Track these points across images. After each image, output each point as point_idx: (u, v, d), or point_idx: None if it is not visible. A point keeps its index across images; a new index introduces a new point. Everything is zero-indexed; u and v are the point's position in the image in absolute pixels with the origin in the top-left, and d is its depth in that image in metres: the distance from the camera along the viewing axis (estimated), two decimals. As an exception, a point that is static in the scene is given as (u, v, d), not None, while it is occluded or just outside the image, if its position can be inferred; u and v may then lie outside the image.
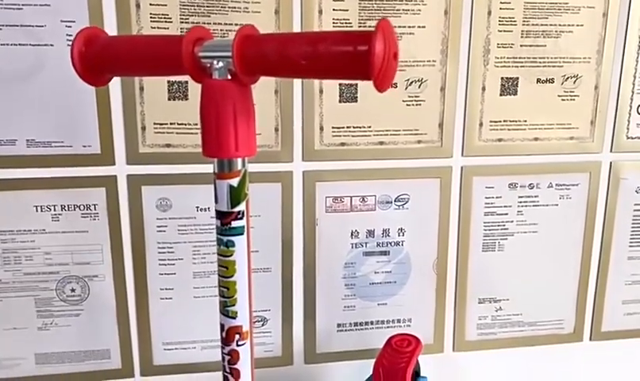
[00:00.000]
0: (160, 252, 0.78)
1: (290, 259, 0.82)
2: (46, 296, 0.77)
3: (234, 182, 0.37)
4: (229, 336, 0.40)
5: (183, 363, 0.82)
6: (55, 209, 0.74)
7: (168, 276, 0.79)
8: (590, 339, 0.92)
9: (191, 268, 0.79)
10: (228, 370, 0.41)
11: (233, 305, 0.39)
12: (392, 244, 0.84)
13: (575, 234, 0.88)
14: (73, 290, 0.77)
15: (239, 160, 0.37)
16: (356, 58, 0.33)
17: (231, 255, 0.38)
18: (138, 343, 0.81)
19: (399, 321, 0.87)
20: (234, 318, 0.40)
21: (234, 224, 0.38)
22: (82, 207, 0.75)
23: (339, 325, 0.86)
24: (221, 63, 0.36)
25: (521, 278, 0.88)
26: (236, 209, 0.37)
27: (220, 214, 0.38)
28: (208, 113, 0.36)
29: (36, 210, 0.74)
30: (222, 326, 0.40)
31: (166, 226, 0.77)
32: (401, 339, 0.77)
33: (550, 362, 0.93)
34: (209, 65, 0.37)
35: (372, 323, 0.87)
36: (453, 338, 0.89)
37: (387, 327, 0.87)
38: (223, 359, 0.41)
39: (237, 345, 0.40)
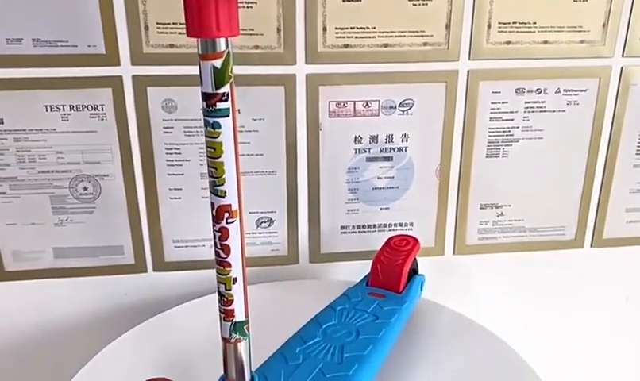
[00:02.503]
0: (167, 153, 0.80)
1: (294, 163, 0.84)
2: (60, 194, 0.80)
3: (217, 63, 0.38)
4: (218, 214, 0.42)
5: (193, 260, 0.87)
6: (64, 109, 0.76)
7: (176, 177, 0.82)
8: (591, 246, 0.94)
9: (198, 169, 0.81)
10: (219, 246, 0.44)
11: (222, 184, 0.41)
12: (395, 150, 0.85)
13: (581, 141, 0.87)
14: (85, 189, 0.80)
15: (222, 41, 0.38)
16: None
17: (217, 137, 0.39)
18: (150, 240, 0.85)
19: (400, 224, 0.89)
20: (223, 197, 0.42)
21: (219, 105, 0.39)
22: (89, 107, 0.77)
23: (342, 228, 0.89)
24: (202, -59, 0.36)
25: (524, 184, 0.89)
26: (220, 91, 0.38)
27: (205, 96, 0.39)
28: (190, -8, 0.37)
29: (46, 110, 0.76)
30: (212, 205, 0.42)
31: (172, 127, 0.79)
32: (400, 239, 0.79)
33: (550, 267, 0.95)
34: (190, -57, 0.37)
35: (374, 226, 0.89)
36: (454, 242, 0.91)
37: (389, 230, 0.89)
38: (214, 236, 0.44)
39: (227, 223, 0.43)
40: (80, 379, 0.67)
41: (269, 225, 0.87)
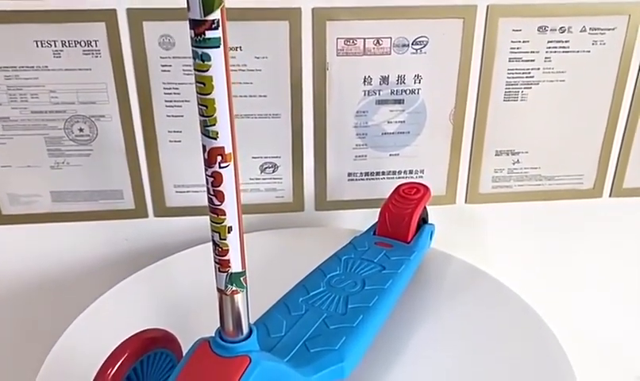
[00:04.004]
0: (165, 93, 0.76)
1: (299, 105, 0.79)
2: (55, 135, 0.77)
3: (206, -15, 0.34)
4: (211, 157, 0.39)
5: (194, 205, 0.84)
6: (55, 45, 0.72)
7: (175, 118, 0.78)
8: (610, 195, 0.89)
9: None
10: (212, 192, 0.40)
11: (213, 124, 0.37)
12: (407, 92, 0.80)
13: (605, 84, 0.82)
14: (81, 130, 0.77)
15: (211, -41, 0.33)
16: None
17: (207, 70, 0.35)
18: (150, 185, 0.82)
19: (411, 171, 0.85)
20: (215, 139, 0.38)
21: (209, 34, 0.35)
22: (82, 43, 0.72)
23: (350, 175, 0.85)
24: None
25: (542, 130, 0.84)
26: (209, 18, 0.34)
27: (193, 23, 0.35)
28: None
29: (37, 45, 0.72)
30: (204, 147, 0.39)
31: (170, 66, 0.75)
32: (409, 187, 0.76)
33: (566, 217, 0.91)
34: None
35: (383, 173, 0.85)
36: (466, 190, 0.87)
37: (399, 177, 0.85)
38: (207, 181, 0.40)
39: (220, 167, 0.39)
40: (79, 325, 0.65)
41: (273, 171, 0.83)
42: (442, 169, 0.85)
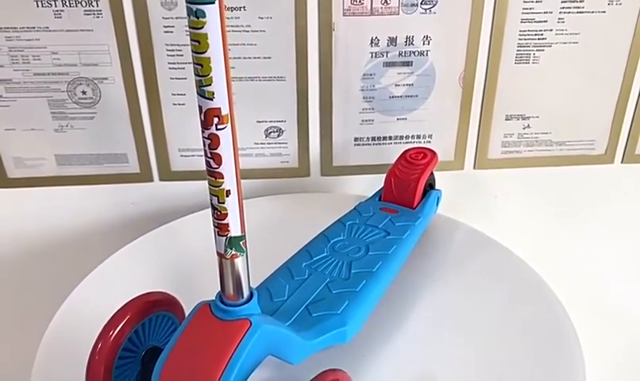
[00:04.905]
0: (168, 55, 0.75)
1: (304, 67, 0.77)
2: (58, 98, 0.76)
3: None
4: (207, 118, 0.38)
5: (200, 169, 0.83)
6: (56, 5, 0.70)
7: (179, 81, 0.77)
8: (622, 161, 0.88)
9: (202, 74, 0.76)
10: (209, 155, 0.40)
11: (209, 84, 0.36)
12: (416, 53, 0.78)
13: (620, 47, 0.79)
14: (84, 93, 0.76)
15: None
16: None
17: (202, 27, 0.34)
18: (154, 148, 0.81)
19: (418, 136, 0.84)
20: (211, 99, 0.37)
21: (203, -11, 0.33)
22: (83, 3, 0.71)
23: (356, 139, 0.84)
24: None
25: (554, 94, 0.82)
26: (204, -29, 0.33)
27: (187, -23, 0.33)
28: None
29: (37, 5, 0.70)
30: (200, 108, 0.38)
31: (173, 26, 0.73)
32: (416, 152, 0.74)
33: (577, 184, 0.90)
34: None
35: (390, 138, 0.84)
36: (475, 155, 0.86)
37: (406, 142, 0.84)
38: (204, 143, 0.40)
39: (217, 129, 0.38)
40: (83, 288, 0.66)
41: (279, 136, 0.82)
42: (451, 134, 0.84)
